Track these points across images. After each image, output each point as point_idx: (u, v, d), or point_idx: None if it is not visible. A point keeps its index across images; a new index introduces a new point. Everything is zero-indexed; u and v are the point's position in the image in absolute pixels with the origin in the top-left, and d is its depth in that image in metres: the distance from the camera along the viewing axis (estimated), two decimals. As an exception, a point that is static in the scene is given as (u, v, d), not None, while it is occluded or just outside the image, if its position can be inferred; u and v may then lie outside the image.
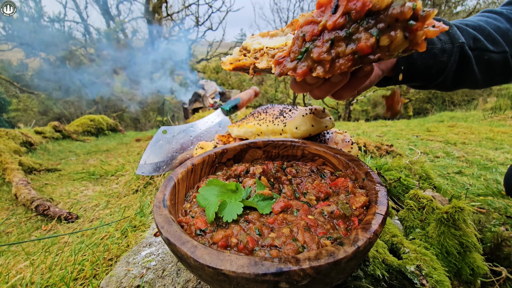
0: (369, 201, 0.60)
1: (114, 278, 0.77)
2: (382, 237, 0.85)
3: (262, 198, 0.62)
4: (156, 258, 0.83)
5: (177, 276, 0.75)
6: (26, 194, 1.93)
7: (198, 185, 0.77)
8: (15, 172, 2.34)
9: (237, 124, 1.41)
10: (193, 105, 6.23)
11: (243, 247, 0.49)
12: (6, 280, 1.00)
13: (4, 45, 12.91)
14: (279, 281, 0.40)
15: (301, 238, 0.50)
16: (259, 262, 0.41)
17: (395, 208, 1.13)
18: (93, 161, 3.22)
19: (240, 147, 0.89)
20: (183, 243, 0.46)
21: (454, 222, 0.77)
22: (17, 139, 3.34)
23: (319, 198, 0.65)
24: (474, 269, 0.75)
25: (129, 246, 1.13)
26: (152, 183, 1.90)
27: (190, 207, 0.66)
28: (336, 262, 0.41)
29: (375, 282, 0.69)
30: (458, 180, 1.99)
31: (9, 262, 1.19)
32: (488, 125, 4.55)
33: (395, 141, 3.50)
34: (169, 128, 1.80)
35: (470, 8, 11.62)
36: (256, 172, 0.77)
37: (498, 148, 3.01)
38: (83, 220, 1.62)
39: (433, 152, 2.88)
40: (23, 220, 1.73)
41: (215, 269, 0.41)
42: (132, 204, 1.66)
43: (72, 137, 4.50)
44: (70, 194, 2.07)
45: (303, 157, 0.88)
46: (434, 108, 11.10)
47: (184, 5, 14.98)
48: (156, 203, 0.59)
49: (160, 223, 0.52)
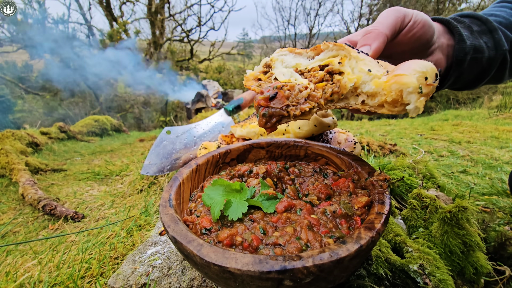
0: (372, 200, 0.60)
1: (121, 276, 0.78)
2: (385, 236, 0.85)
3: (266, 197, 0.63)
4: (161, 257, 0.85)
5: (183, 274, 0.77)
6: (33, 194, 1.96)
7: (203, 185, 0.78)
8: (22, 173, 2.37)
9: (240, 124, 1.42)
10: (195, 105, 6.26)
11: (247, 245, 0.50)
12: (14, 279, 1.02)
13: (9, 47, 13.06)
14: (283, 279, 0.41)
15: (305, 237, 0.51)
16: (264, 260, 0.42)
17: (398, 207, 1.13)
18: (97, 161, 3.26)
19: (244, 147, 0.90)
20: (189, 241, 0.47)
21: (458, 221, 0.77)
22: (23, 139, 3.39)
23: (320, 198, 0.66)
24: (477, 268, 0.75)
25: (134, 245, 1.15)
26: (156, 183, 1.92)
27: (195, 207, 0.67)
28: (339, 260, 0.42)
29: (378, 281, 0.69)
30: (463, 179, 1.98)
31: (17, 261, 1.21)
32: (493, 124, 4.50)
33: (398, 140, 3.48)
34: (172, 129, 1.82)
35: (474, 5, 11.48)
36: (259, 172, 0.78)
37: (503, 146, 2.98)
38: (89, 220, 1.64)
39: (437, 151, 2.87)
40: (30, 220, 1.76)
41: (220, 267, 0.42)
42: (137, 204, 1.68)
43: (77, 137, 4.55)
44: (76, 194, 2.10)
45: (306, 157, 0.89)
46: (439, 107, 11.00)
47: (186, 5, 15.03)
48: (162, 203, 0.61)
49: (166, 222, 0.53)
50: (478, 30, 0.84)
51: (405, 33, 0.77)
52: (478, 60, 0.82)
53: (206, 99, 6.25)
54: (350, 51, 0.61)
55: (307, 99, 0.57)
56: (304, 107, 0.56)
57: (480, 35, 0.83)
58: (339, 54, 0.63)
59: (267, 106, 0.56)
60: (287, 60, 0.71)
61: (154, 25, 13.70)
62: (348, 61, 0.59)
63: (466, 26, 0.84)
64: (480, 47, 0.82)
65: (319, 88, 0.58)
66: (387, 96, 0.53)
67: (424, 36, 0.78)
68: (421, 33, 0.77)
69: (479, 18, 0.85)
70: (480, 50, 0.82)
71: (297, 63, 0.70)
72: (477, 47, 0.81)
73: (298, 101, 0.56)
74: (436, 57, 0.83)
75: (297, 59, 0.71)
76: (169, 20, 14.73)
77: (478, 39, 0.82)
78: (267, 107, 0.56)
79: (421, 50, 0.82)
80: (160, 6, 13.56)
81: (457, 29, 0.82)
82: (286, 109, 0.56)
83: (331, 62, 0.62)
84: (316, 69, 0.63)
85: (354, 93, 0.59)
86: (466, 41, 0.81)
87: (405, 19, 0.75)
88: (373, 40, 0.70)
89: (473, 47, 0.81)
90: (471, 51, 0.81)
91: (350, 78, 0.56)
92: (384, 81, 0.53)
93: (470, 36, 0.82)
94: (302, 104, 0.56)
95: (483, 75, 0.87)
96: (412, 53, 0.82)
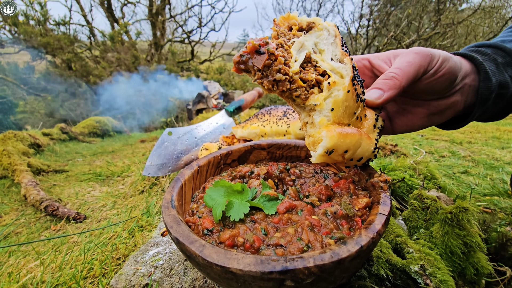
0: (372, 201, 0.61)
1: (124, 276, 0.79)
2: (386, 237, 0.86)
3: (267, 198, 0.64)
4: (163, 257, 0.85)
5: (184, 275, 0.77)
6: (35, 195, 1.97)
7: (204, 186, 0.79)
8: (24, 174, 2.39)
9: (241, 125, 1.43)
10: (196, 106, 6.27)
11: (249, 246, 0.51)
12: (17, 280, 1.03)
13: (10, 48, 13.13)
14: (285, 279, 0.41)
15: (306, 237, 0.51)
16: (265, 261, 0.42)
17: (399, 208, 1.13)
18: (99, 162, 3.27)
19: (245, 149, 0.90)
20: (191, 242, 0.48)
21: (458, 222, 0.78)
22: (25, 141, 3.40)
23: (321, 199, 0.67)
24: (478, 269, 0.75)
25: (136, 245, 1.15)
26: (158, 184, 1.93)
27: (197, 208, 0.67)
28: (339, 261, 0.42)
29: (379, 281, 0.70)
30: (464, 180, 1.97)
31: (19, 262, 1.22)
32: (494, 124, 4.50)
33: (399, 140, 3.48)
34: (174, 130, 1.83)
35: (475, 6, 11.46)
36: (260, 173, 0.79)
37: (504, 147, 2.98)
38: (91, 220, 1.65)
39: (438, 152, 2.86)
40: (33, 221, 1.77)
41: (223, 267, 0.43)
42: (138, 205, 1.69)
43: (78, 138, 4.57)
44: (77, 195, 2.11)
45: (307, 158, 0.89)
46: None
47: (187, 6, 15.08)
48: (165, 204, 0.61)
49: (169, 223, 0.54)
50: (503, 62, 0.79)
51: (427, 78, 0.73)
52: (503, 96, 0.79)
53: (207, 100, 6.27)
54: (346, 87, 0.59)
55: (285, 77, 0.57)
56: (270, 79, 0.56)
57: (505, 68, 0.79)
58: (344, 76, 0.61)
59: (248, 54, 0.56)
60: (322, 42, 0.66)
61: (155, 26, 13.74)
62: (335, 87, 0.59)
63: (491, 59, 0.79)
64: (505, 83, 0.77)
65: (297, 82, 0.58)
66: (314, 137, 0.60)
67: (445, 83, 0.74)
68: (442, 80, 0.73)
69: (503, 49, 0.81)
70: (505, 86, 0.78)
71: (320, 49, 0.65)
72: (502, 83, 0.77)
73: (272, 74, 0.56)
74: (454, 99, 0.79)
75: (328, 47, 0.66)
76: (170, 21, 14.78)
77: (503, 73, 0.78)
78: (248, 56, 0.56)
79: (441, 93, 0.78)
80: (161, 8, 13.61)
81: (482, 66, 0.77)
82: (256, 71, 0.56)
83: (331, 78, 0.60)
84: (320, 70, 0.62)
85: (309, 111, 0.62)
86: (492, 78, 0.76)
87: (428, 67, 0.71)
88: (388, 89, 0.68)
89: (498, 84, 0.77)
90: (496, 89, 0.77)
91: (316, 99, 0.58)
92: (325, 127, 0.58)
93: (496, 71, 0.78)
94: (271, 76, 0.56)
95: (508, 108, 0.84)
96: (430, 94, 0.78)
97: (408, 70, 0.69)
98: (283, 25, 0.67)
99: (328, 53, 0.65)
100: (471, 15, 11.42)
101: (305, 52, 0.62)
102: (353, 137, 0.58)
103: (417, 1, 11.81)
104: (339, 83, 0.59)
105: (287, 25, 0.67)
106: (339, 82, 0.59)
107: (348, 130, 0.58)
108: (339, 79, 0.59)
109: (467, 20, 11.46)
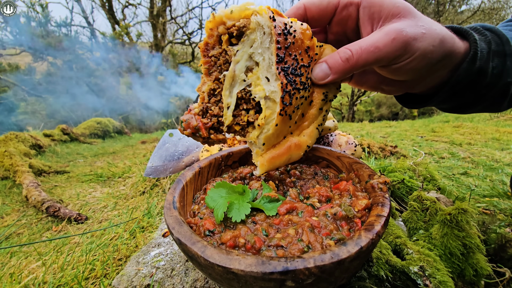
0: (372, 203, 0.61)
1: (125, 277, 0.80)
2: (386, 238, 0.86)
3: (268, 200, 0.64)
4: (165, 258, 0.86)
5: (186, 275, 0.78)
6: (36, 196, 1.98)
7: (206, 187, 0.79)
8: (26, 175, 2.40)
9: (242, 127, 1.43)
10: (197, 107, 6.27)
11: (250, 247, 0.51)
12: (19, 280, 1.03)
13: (12, 50, 13.19)
14: (286, 280, 0.42)
15: (306, 238, 0.52)
16: (266, 261, 0.43)
17: (398, 209, 1.13)
18: (100, 163, 3.28)
19: (245, 150, 0.91)
20: (193, 243, 0.48)
21: (458, 223, 0.78)
22: (27, 142, 3.42)
23: (321, 201, 0.67)
24: (477, 270, 0.76)
25: (137, 246, 1.16)
26: (159, 185, 1.94)
27: (198, 209, 0.68)
28: (340, 261, 0.43)
29: (379, 282, 0.70)
30: (464, 181, 1.98)
31: (21, 263, 1.23)
32: (494, 125, 4.50)
33: (399, 142, 3.49)
34: (175, 131, 1.84)
35: (474, 7, 11.49)
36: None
37: (504, 148, 2.98)
38: (92, 221, 1.66)
39: (438, 153, 2.87)
40: (34, 221, 1.78)
41: (224, 268, 0.43)
42: (139, 206, 1.70)
43: (79, 139, 4.58)
44: (79, 196, 2.12)
45: (307, 159, 0.90)
46: (440, 108, 10.96)
47: (188, 8, 15.14)
48: (166, 205, 0.62)
49: (171, 224, 0.55)
50: (495, 50, 0.70)
51: (388, 66, 0.65)
52: (475, 84, 0.71)
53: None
54: (273, 124, 0.64)
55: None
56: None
57: (493, 56, 0.70)
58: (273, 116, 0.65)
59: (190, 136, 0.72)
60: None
61: (156, 28, 13.79)
62: (264, 126, 0.66)
63: (486, 41, 0.71)
64: (485, 71, 0.69)
65: (234, 128, 0.69)
66: (255, 160, 0.70)
67: (408, 73, 0.66)
68: (406, 70, 0.65)
69: (500, 36, 0.71)
70: (483, 74, 0.69)
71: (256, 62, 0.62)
72: (482, 70, 0.69)
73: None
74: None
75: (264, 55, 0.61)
76: (171, 23, 14.84)
77: (488, 61, 0.69)
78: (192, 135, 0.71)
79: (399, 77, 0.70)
80: (162, 9, 13.66)
81: (475, 45, 0.69)
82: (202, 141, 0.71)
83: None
84: (254, 102, 0.66)
85: (250, 144, 0.71)
86: (477, 62, 0.68)
87: (395, 60, 0.62)
88: (335, 72, 0.63)
89: (478, 70, 0.69)
90: (475, 75, 0.69)
91: (251, 137, 0.68)
92: (259, 157, 0.69)
93: (484, 56, 0.69)
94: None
95: (475, 102, 0.77)
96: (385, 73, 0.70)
97: (367, 57, 0.61)
98: (212, 38, 0.64)
99: (264, 68, 0.61)
100: (470, 17, 11.46)
101: (236, 90, 0.65)
102: (282, 158, 0.69)
103: (416, 3, 11.84)
104: (270, 116, 0.64)
105: (216, 36, 0.64)
106: (269, 114, 0.64)
107: (278, 152, 0.69)
108: (270, 111, 0.64)
109: (466, 22, 11.48)
